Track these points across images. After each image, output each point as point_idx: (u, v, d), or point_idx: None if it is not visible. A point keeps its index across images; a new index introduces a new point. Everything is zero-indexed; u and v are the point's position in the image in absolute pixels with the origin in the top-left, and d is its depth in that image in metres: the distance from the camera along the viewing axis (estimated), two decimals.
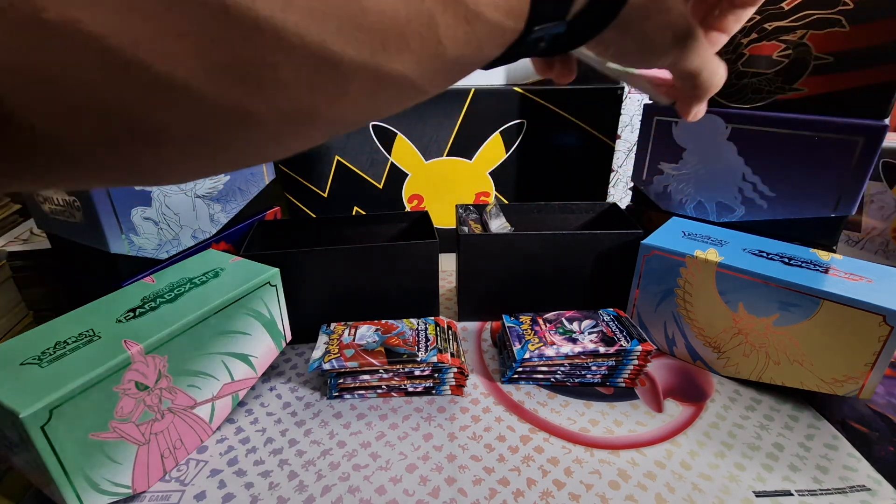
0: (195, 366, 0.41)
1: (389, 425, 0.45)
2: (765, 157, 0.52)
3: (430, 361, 0.46)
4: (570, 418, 0.46)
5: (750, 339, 0.48)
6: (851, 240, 0.66)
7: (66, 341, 0.36)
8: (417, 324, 0.52)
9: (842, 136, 0.47)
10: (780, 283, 0.44)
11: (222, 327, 0.43)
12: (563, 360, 0.48)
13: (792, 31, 0.47)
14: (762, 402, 0.48)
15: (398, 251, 0.54)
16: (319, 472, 0.41)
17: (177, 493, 0.39)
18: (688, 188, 0.58)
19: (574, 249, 0.57)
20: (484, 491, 0.39)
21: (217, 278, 0.45)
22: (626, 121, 0.86)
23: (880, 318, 0.40)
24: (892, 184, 0.61)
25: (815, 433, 0.44)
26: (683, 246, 0.50)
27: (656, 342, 0.55)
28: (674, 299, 0.52)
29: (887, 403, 0.47)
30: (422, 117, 0.72)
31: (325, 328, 0.52)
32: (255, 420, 0.46)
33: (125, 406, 0.36)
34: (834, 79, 0.47)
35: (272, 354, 0.49)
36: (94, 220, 0.45)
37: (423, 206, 0.78)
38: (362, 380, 0.47)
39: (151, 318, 0.39)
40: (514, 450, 0.42)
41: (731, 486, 0.39)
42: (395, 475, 0.40)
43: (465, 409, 0.47)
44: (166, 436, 0.40)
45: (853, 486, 0.39)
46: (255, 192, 0.63)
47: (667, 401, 0.48)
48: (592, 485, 0.39)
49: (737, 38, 0.50)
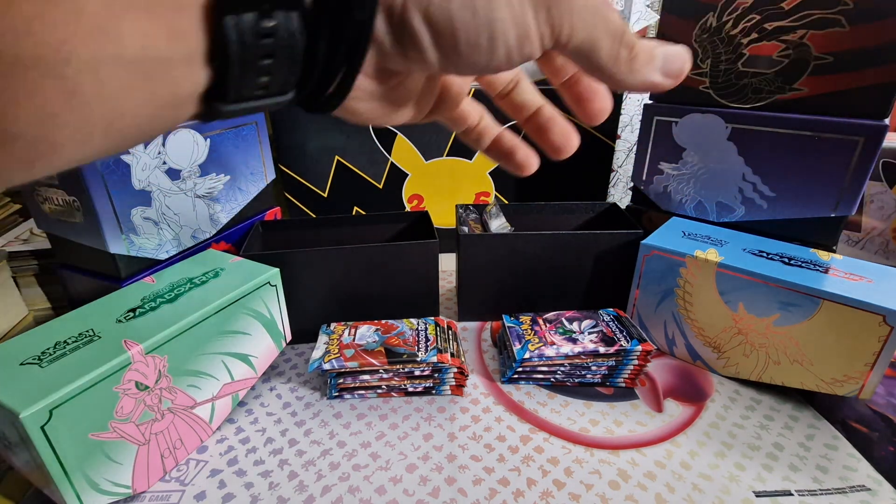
0: (195, 366, 0.41)
1: (389, 425, 0.45)
2: (765, 157, 0.52)
3: (430, 361, 0.46)
4: (570, 418, 0.46)
5: (750, 339, 0.48)
6: (851, 240, 0.66)
7: (66, 341, 0.36)
8: (417, 324, 0.52)
9: (842, 136, 0.47)
10: (780, 283, 0.44)
11: (222, 327, 0.43)
12: (563, 360, 0.48)
13: (792, 31, 0.47)
14: (762, 402, 0.48)
15: (398, 251, 0.54)
16: (319, 472, 0.41)
17: (177, 493, 0.39)
18: (688, 188, 0.58)
19: (574, 249, 0.57)
20: (484, 491, 0.39)
21: (217, 278, 0.45)
22: (626, 121, 0.86)
23: (880, 318, 0.40)
24: (892, 184, 0.61)
25: (815, 433, 0.44)
26: (683, 246, 0.50)
27: (656, 342, 0.55)
28: (674, 299, 0.52)
29: (887, 403, 0.47)
30: None
31: (325, 328, 0.52)
32: (255, 420, 0.46)
33: (125, 406, 0.36)
34: (834, 79, 0.47)
35: (272, 354, 0.49)
36: (94, 220, 0.45)
37: (423, 206, 0.78)
38: (362, 380, 0.47)
39: (151, 318, 0.39)
40: (514, 450, 0.42)
41: (731, 486, 0.39)
42: (395, 475, 0.40)
43: (465, 409, 0.47)
44: (166, 436, 0.40)
45: (853, 486, 0.39)
46: (255, 192, 0.63)
47: (667, 401, 0.48)
48: (592, 485, 0.39)
49: (737, 38, 0.50)
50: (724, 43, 0.51)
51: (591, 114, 0.22)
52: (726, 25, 0.51)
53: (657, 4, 0.80)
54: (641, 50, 0.17)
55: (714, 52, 0.52)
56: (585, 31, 0.16)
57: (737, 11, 0.50)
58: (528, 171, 0.24)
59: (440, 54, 0.16)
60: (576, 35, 0.16)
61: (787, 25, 0.47)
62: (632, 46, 0.17)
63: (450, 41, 0.16)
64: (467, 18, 0.15)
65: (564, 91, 0.22)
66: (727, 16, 0.50)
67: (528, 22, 0.15)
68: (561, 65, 0.21)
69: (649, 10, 0.81)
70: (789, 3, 0.47)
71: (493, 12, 0.15)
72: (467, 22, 0.15)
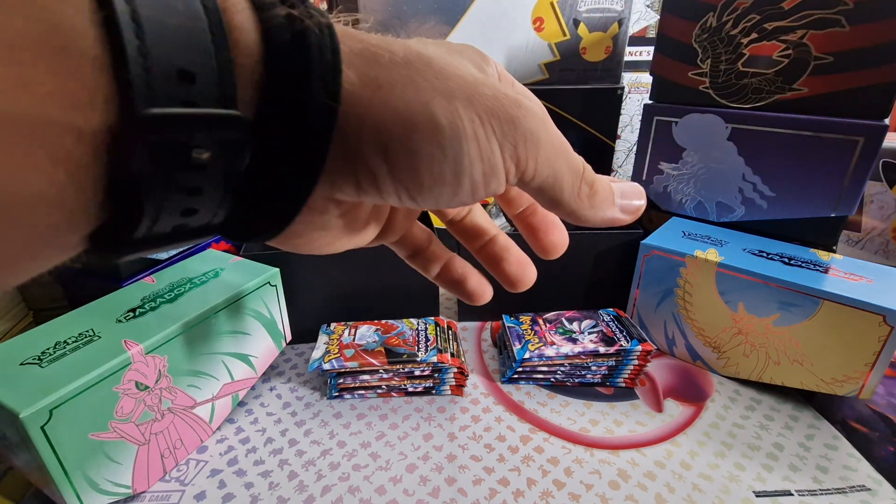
0: (195, 366, 0.41)
1: (389, 425, 0.45)
2: (765, 157, 0.52)
3: (430, 361, 0.46)
4: (570, 418, 0.46)
5: (750, 339, 0.48)
6: (851, 240, 0.66)
7: (66, 341, 0.36)
8: (417, 324, 0.52)
9: (842, 136, 0.47)
10: (780, 283, 0.44)
11: (222, 327, 0.43)
12: (563, 360, 0.48)
13: (792, 31, 0.47)
14: (762, 402, 0.48)
15: None
16: (319, 472, 0.41)
17: (177, 493, 0.39)
18: (688, 188, 0.58)
19: (574, 249, 0.56)
20: (484, 491, 0.39)
21: (217, 278, 0.45)
22: (626, 121, 0.86)
23: (880, 318, 0.40)
24: (892, 184, 0.61)
25: (815, 433, 0.44)
26: (683, 246, 0.50)
27: (656, 342, 0.55)
28: (674, 299, 0.52)
29: (887, 403, 0.47)
30: None
31: (325, 328, 0.52)
32: (255, 420, 0.46)
33: (125, 406, 0.36)
34: (834, 79, 0.47)
35: (272, 354, 0.49)
36: None
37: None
38: (362, 380, 0.47)
39: (151, 318, 0.39)
40: (514, 450, 0.42)
41: (731, 486, 0.39)
42: (395, 475, 0.40)
43: (465, 409, 0.47)
44: (166, 436, 0.40)
45: (853, 486, 0.39)
46: None
47: (667, 401, 0.48)
48: (592, 485, 0.39)
49: (737, 38, 0.50)
50: (724, 43, 0.51)
51: (546, 246, 0.21)
52: (726, 25, 0.51)
53: (657, 4, 0.80)
54: (601, 187, 0.18)
55: (714, 52, 0.52)
56: (549, 168, 0.16)
57: (737, 11, 0.50)
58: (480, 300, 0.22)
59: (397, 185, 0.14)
60: (539, 172, 0.16)
61: (787, 25, 0.47)
62: (592, 183, 0.17)
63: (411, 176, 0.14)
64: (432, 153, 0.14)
65: (519, 222, 0.21)
66: (727, 16, 0.50)
67: (495, 158, 0.15)
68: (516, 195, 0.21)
69: (649, 10, 0.81)
70: (789, 3, 0.47)
71: (460, 146, 0.14)
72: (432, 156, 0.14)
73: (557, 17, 0.70)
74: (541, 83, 0.73)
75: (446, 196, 0.15)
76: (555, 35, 0.71)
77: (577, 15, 0.70)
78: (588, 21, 0.70)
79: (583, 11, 0.69)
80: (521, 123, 0.15)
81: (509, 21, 0.70)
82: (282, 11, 0.12)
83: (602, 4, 0.69)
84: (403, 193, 0.15)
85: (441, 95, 0.14)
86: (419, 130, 0.13)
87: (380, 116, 0.13)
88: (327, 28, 0.12)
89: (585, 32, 0.70)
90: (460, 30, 0.70)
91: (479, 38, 0.71)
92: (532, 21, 0.70)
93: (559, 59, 0.72)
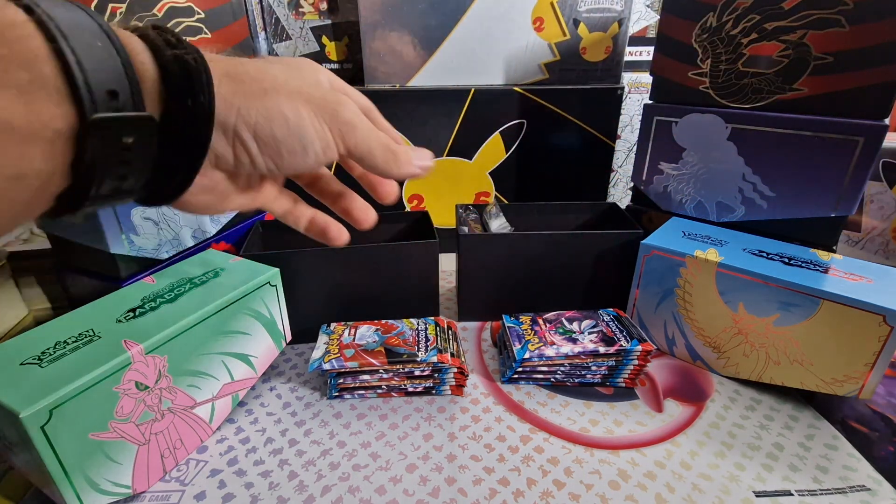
0: (195, 366, 0.41)
1: (389, 425, 0.45)
2: (765, 157, 0.52)
3: (430, 361, 0.46)
4: (570, 418, 0.46)
5: (750, 339, 0.48)
6: (851, 240, 0.66)
7: (66, 341, 0.36)
8: (417, 324, 0.52)
9: (842, 136, 0.47)
10: (780, 283, 0.44)
11: (222, 327, 0.43)
12: (563, 360, 0.48)
13: (792, 31, 0.47)
14: (762, 402, 0.48)
15: (398, 251, 0.54)
16: (319, 472, 0.41)
17: (177, 493, 0.39)
18: (688, 188, 0.58)
19: (574, 249, 0.57)
20: (484, 491, 0.39)
21: (217, 278, 0.45)
22: (626, 121, 0.86)
23: (880, 318, 0.40)
24: (892, 184, 0.61)
25: (815, 433, 0.44)
26: (683, 246, 0.50)
27: (656, 342, 0.55)
28: (674, 299, 0.52)
29: (887, 403, 0.47)
30: (422, 117, 0.72)
31: (325, 328, 0.52)
32: (255, 420, 0.46)
33: (125, 406, 0.36)
34: (834, 79, 0.47)
35: (272, 354, 0.49)
36: (94, 221, 0.45)
37: (423, 206, 0.78)
38: (362, 380, 0.47)
39: (151, 318, 0.39)
40: (514, 450, 0.42)
41: (731, 486, 0.39)
42: (395, 475, 0.40)
43: (465, 409, 0.47)
44: (166, 436, 0.40)
45: (853, 486, 0.39)
46: None
47: (667, 401, 0.48)
48: (592, 485, 0.39)
49: (737, 38, 0.50)
50: (724, 43, 0.51)
51: (381, 195, 0.29)
52: (726, 25, 0.51)
53: (657, 4, 0.80)
54: (402, 154, 0.25)
55: (714, 52, 0.52)
56: (365, 144, 0.24)
57: (737, 11, 0.50)
58: (340, 242, 0.29)
59: (265, 158, 0.22)
60: (358, 146, 0.24)
61: (787, 25, 0.47)
62: (395, 152, 0.25)
63: (273, 149, 0.22)
64: (284, 134, 0.22)
65: (361, 180, 0.29)
66: (727, 16, 0.50)
67: (327, 136, 0.23)
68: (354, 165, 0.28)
69: (649, 10, 0.81)
70: (789, 3, 0.47)
71: (302, 130, 0.22)
72: (285, 136, 0.22)
73: (557, 17, 0.70)
74: (541, 83, 0.73)
75: (299, 163, 0.23)
76: (555, 35, 0.71)
77: (577, 15, 0.70)
78: (588, 21, 0.70)
79: (583, 11, 0.69)
80: (340, 115, 0.23)
81: (509, 21, 0.70)
82: (169, 53, 0.18)
83: (602, 4, 0.69)
84: (270, 162, 0.22)
85: (287, 99, 0.21)
86: (276, 123, 0.21)
87: (249, 115, 0.21)
88: (201, 58, 0.19)
89: (585, 32, 0.70)
90: (460, 30, 0.70)
91: (479, 38, 0.71)
92: (532, 21, 0.70)
93: (559, 58, 0.72)
